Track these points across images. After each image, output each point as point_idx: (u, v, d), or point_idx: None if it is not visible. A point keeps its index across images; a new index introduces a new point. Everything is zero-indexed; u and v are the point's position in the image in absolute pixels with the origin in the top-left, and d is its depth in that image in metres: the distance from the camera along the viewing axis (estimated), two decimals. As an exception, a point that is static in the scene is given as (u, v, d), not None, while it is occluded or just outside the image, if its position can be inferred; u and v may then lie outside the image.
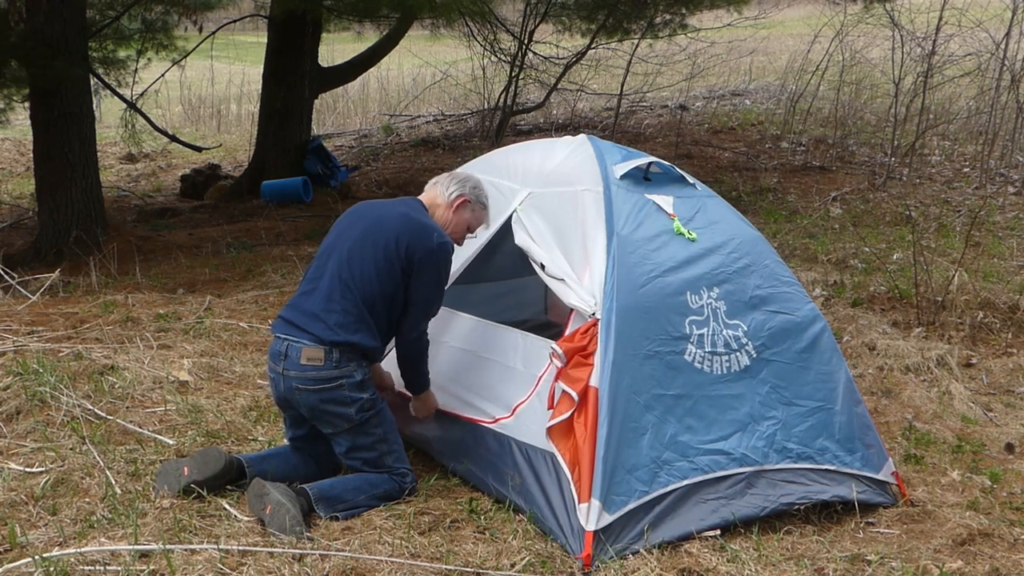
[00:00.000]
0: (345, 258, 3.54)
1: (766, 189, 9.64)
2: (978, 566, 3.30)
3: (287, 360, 3.50)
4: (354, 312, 3.48)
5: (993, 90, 10.77)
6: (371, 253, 3.51)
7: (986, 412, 4.79)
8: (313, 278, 3.60)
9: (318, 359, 3.45)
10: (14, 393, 4.38)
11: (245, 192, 10.25)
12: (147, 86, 10.83)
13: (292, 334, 3.50)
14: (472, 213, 3.78)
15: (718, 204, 3.94)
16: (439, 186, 3.77)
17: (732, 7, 12.02)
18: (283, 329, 3.55)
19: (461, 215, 3.75)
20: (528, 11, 11.99)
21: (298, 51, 10.09)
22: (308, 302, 3.55)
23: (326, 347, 3.45)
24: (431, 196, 3.77)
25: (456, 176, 3.82)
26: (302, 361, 3.46)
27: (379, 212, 3.67)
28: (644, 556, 3.16)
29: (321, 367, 3.46)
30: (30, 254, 7.69)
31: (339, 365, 3.46)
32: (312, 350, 3.45)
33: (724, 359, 3.50)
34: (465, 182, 3.78)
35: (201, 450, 3.77)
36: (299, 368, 3.48)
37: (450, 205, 3.73)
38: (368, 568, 3.10)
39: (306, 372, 3.47)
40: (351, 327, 3.47)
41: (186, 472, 3.54)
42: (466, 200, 3.74)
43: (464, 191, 3.75)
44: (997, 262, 7.23)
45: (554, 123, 13.24)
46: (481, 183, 3.84)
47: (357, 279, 3.50)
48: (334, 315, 3.47)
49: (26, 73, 7.77)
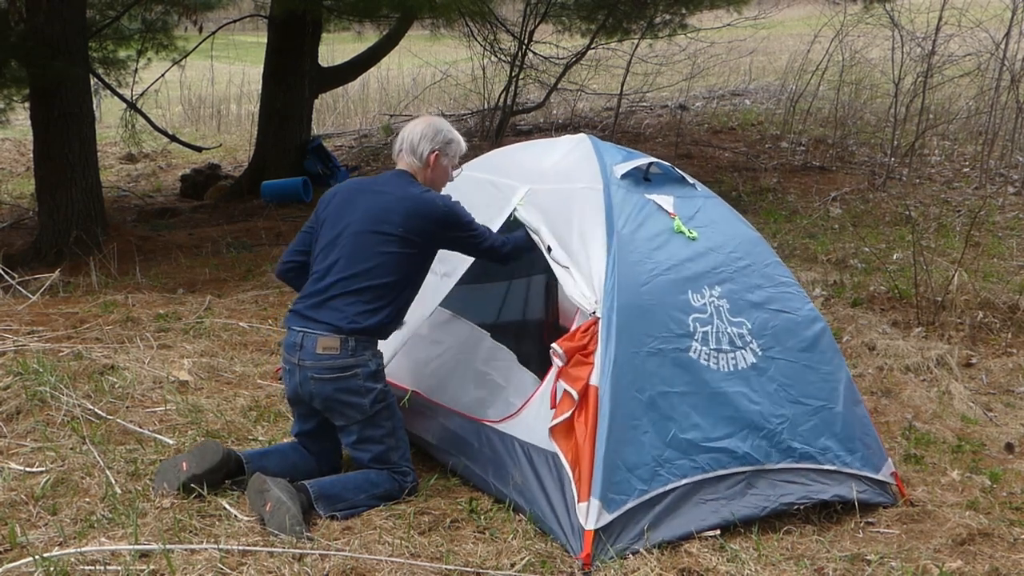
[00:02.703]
0: (353, 245, 3.57)
1: (766, 189, 9.64)
2: (978, 566, 3.30)
3: (303, 351, 3.53)
4: (369, 298, 3.52)
5: (993, 90, 10.76)
6: (381, 240, 3.55)
7: (986, 412, 4.79)
8: (322, 273, 3.61)
9: (334, 348, 3.49)
10: (14, 393, 4.38)
11: (245, 192, 10.25)
12: (147, 86, 10.83)
13: (307, 326, 3.54)
14: (447, 157, 3.81)
15: (718, 205, 3.95)
16: (405, 154, 3.78)
17: (732, 7, 12.01)
18: (297, 322, 3.58)
19: (440, 166, 3.79)
20: (528, 11, 11.99)
21: (298, 51, 10.09)
22: (321, 294, 3.57)
23: (343, 336, 3.49)
24: (408, 164, 3.78)
25: (411, 135, 3.79)
26: (318, 351, 3.49)
27: (374, 195, 3.68)
28: (644, 556, 3.16)
29: (337, 355, 3.49)
30: (30, 254, 7.69)
31: (355, 353, 3.51)
32: (328, 339, 3.49)
33: (729, 356, 3.49)
34: (424, 136, 3.77)
35: (198, 444, 3.78)
36: (315, 358, 3.50)
37: (427, 166, 3.76)
38: (368, 568, 3.10)
39: (322, 361, 3.50)
40: (367, 314, 3.51)
41: (184, 468, 3.54)
42: (436, 152, 3.76)
43: (432, 145, 3.76)
44: (997, 262, 7.23)
45: (554, 123, 13.23)
46: (438, 121, 3.85)
47: (368, 268, 3.53)
48: (350, 305, 3.51)
49: (26, 73, 7.77)
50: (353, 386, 3.52)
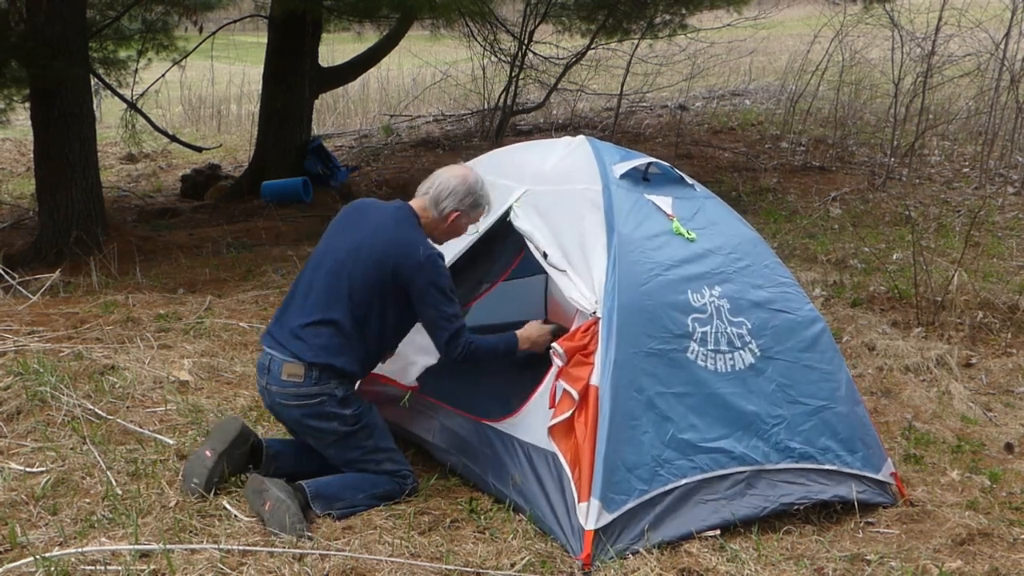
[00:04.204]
0: (334, 274, 3.49)
1: (766, 189, 9.65)
2: (977, 566, 3.30)
3: (270, 374, 3.50)
4: (340, 333, 3.44)
5: (993, 90, 10.76)
6: (361, 270, 3.45)
7: (986, 412, 4.79)
8: (304, 292, 3.56)
9: (298, 375, 3.44)
10: (14, 393, 4.38)
11: (245, 192, 10.25)
12: (147, 86, 10.84)
13: (275, 349, 3.51)
14: (468, 217, 3.69)
15: (717, 205, 3.95)
16: (428, 200, 3.62)
17: (732, 7, 12.02)
18: (268, 342, 3.56)
19: (456, 224, 3.68)
20: (528, 11, 12.00)
21: (298, 51, 10.09)
22: (295, 317, 3.52)
23: (307, 364, 3.43)
24: (421, 205, 3.63)
25: (441, 185, 3.62)
26: (283, 376, 3.46)
27: (367, 225, 3.56)
28: (644, 556, 3.16)
29: (301, 383, 3.45)
30: (30, 254, 7.69)
31: (319, 382, 3.45)
32: (292, 366, 3.44)
33: (728, 357, 3.49)
34: (454, 193, 3.61)
35: (215, 426, 3.78)
36: (280, 383, 3.48)
37: (444, 219, 3.64)
38: (368, 568, 3.10)
39: (286, 388, 3.47)
40: (333, 349, 3.44)
41: (209, 455, 3.54)
42: (458, 213, 3.64)
43: (457, 205, 3.62)
44: (997, 262, 7.23)
45: (554, 123, 13.24)
46: (475, 183, 3.66)
47: (347, 297, 3.45)
48: (319, 336, 3.44)
49: (26, 73, 7.77)
50: (320, 412, 3.48)
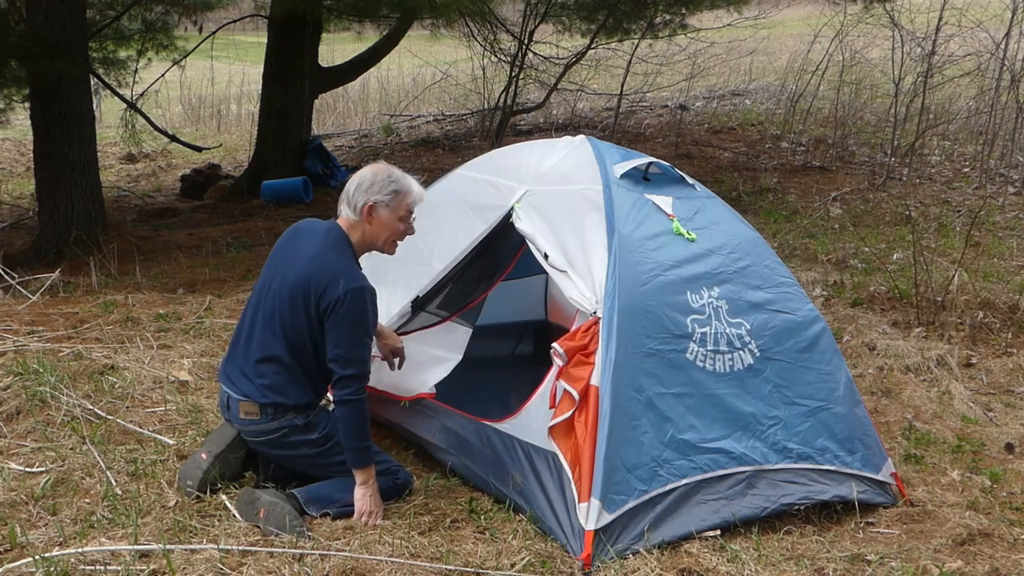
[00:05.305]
0: (269, 311, 3.44)
1: (766, 189, 9.64)
2: (978, 566, 3.30)
3: (230, 411, 3.54)
4: (284, 368, 3.42)
5: (993, 90, 10.76)
6: (289, 306, 3.38)
7: (986, 412, 4.79)
8: (248, 329, 3.53)
9: (254, 413, 3.46)
10: (14, 393, 4.38)
11: (245, 192, 10.24)
12: (147, 86, 10.82)
13: (229, 387, 3.52)
14: (389, 208, 3.46)
15: (717, 205, 3.95)
16: (346, 205, 3.47)
17: (732, 7, 12.02)
18: (223, 379, 3.58)
19: (379, 219, 3.46)
20: (528, 11, 11.99)
21: (298, 51, 10.09)
22: (242, 356, 3.52)
23: (260, 404, 3.44)
24: (345, 217, 3.49)
25: (349, 184, 3.49)
26: (240, 415, 3.49)
27: (299, 257, 3.43)
28: (644, 556, 3.16)
29: (259, 420, 3.47)
30: (30, 254, 7.68)
31: (276, 418, 3.46)
32: (247, 404, 3.46)
33: (727, 357, 3.49)
34: (360, 187, 3.45)
35: (212, 431, 3.79)
36: (240, 422, 3.51)
37: (363, 219, 3.46)
38: (368, 568, 3.10)
39: (247, 425, 3.50)
40: (280, 387, 3.43)
41: (204, 457, 3.55)
42: (373, 204, 3.44)
43: (368, 198, 3.43)
44: (997, 262, 7.23)
45: (554, 123, 13.24)
46: (384, 171, 3.48)
47: (281, 333, 3.41)
48: (263, 376, 3.44)
49: (26, 73, 7.76)
50: (285, 442, 3.49)
